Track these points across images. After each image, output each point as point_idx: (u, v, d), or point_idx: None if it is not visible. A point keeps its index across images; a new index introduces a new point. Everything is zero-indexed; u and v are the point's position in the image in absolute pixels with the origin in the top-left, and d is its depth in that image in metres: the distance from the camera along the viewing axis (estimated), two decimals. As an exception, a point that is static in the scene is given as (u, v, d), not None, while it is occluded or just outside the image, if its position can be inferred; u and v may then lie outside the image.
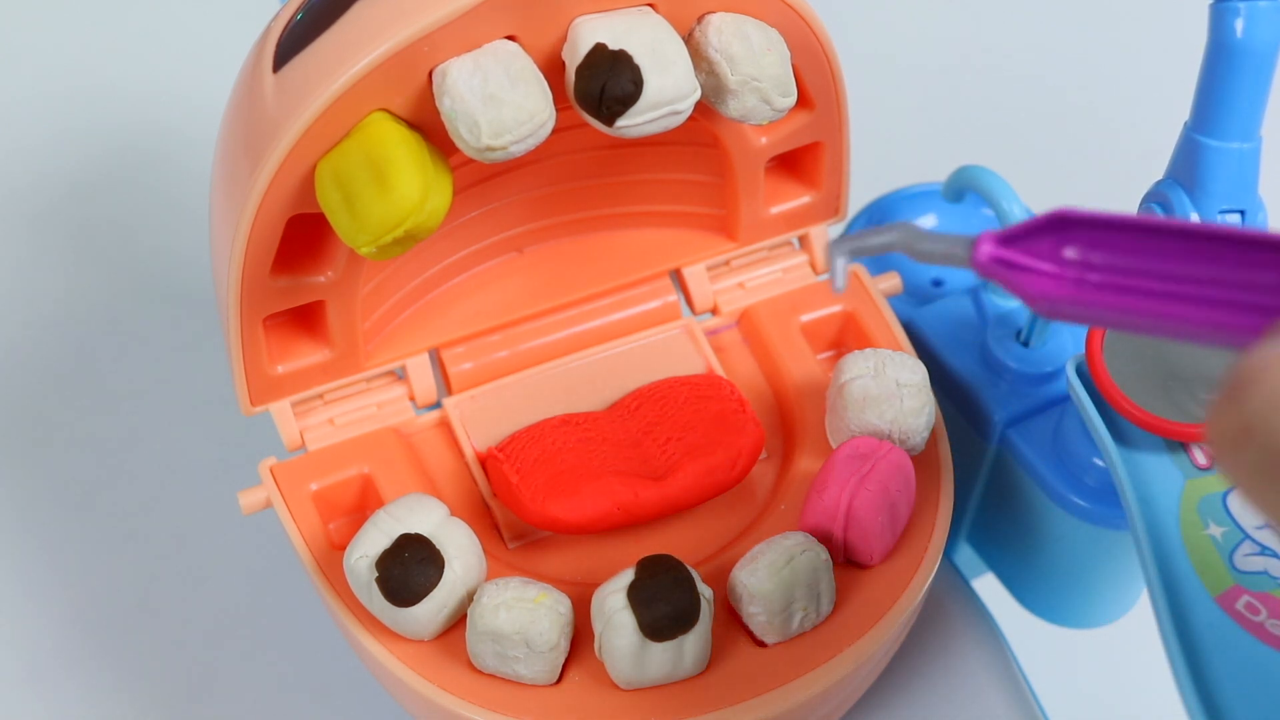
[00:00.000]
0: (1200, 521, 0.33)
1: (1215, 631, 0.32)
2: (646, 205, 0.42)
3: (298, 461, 0.38)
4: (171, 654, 0.53)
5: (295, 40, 0.34)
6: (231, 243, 0.34)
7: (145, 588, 0.55)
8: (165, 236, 0.66)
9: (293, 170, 0.33)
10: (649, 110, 0.33)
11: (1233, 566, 0.32)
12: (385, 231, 0.32)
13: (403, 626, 0.34)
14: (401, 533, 0.34)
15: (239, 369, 0.37)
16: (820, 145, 0.40)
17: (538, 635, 0.33)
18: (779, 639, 0.35)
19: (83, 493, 0.58)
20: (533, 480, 0.37)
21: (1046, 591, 0.44)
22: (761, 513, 0.38)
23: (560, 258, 0.42)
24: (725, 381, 0.39)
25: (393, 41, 0.32)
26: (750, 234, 0.42)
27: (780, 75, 0.34)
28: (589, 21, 0.33)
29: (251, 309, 0.36)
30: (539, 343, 0.41)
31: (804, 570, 0.34)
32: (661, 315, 0.42)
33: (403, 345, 0.40)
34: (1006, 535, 0.44)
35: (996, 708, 0.40)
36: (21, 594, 0.55)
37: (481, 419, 0.40)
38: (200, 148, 0.48)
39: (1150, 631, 0.32)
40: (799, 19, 0.36)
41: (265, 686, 0.52)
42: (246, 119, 0.34)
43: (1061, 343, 0.42)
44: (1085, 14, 0.74)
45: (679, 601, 0.33)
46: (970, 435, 0.43)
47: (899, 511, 0.36)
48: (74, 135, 0.70)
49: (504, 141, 0.32)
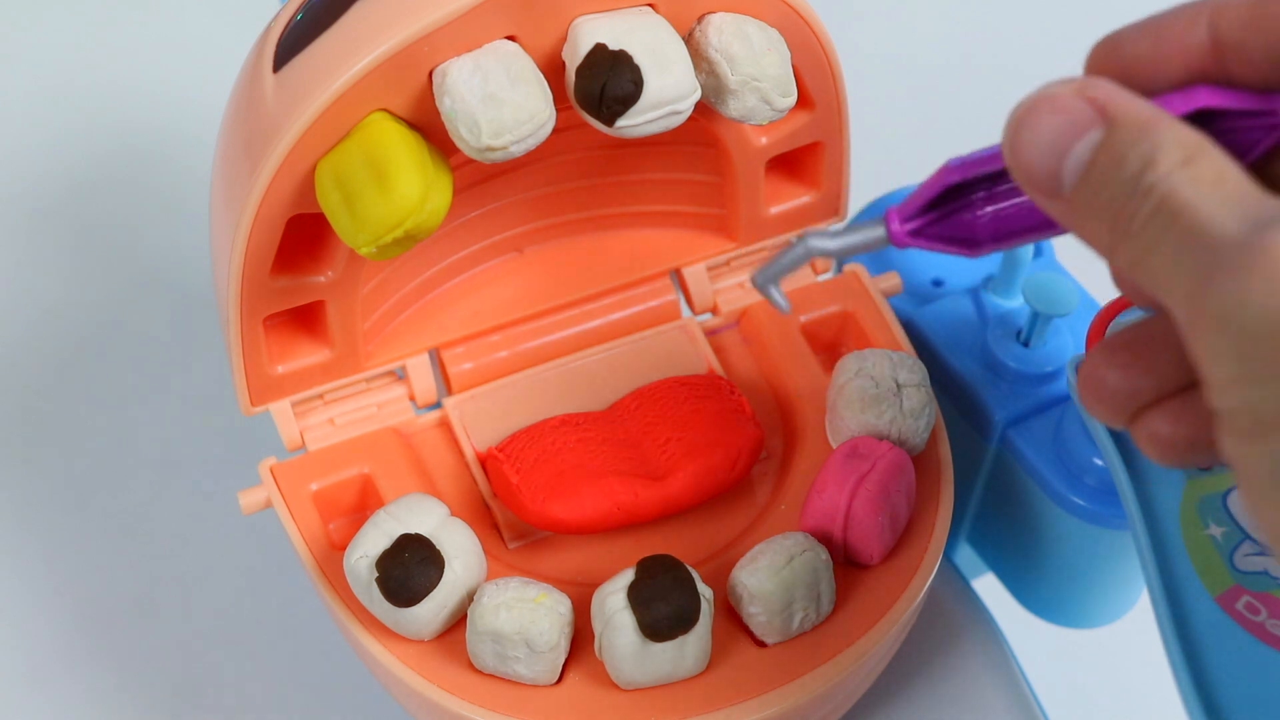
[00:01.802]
0: (1200, 522, 0.33)
1: (1215, 631, 0.32)
2: (646, 205, 0.42)
3: (298, 461, 0.38)
4: (171, 654, 0.53)
5: (295, 40, 0.34)
6: (231, 243, 0.34)
7: (145, 588, 0.55)
8: (165, 236, 0.66)
9: (293, 170, 0.33)
10: (649, 110, 0.33)
11: (1233, 567, 0.32)
12: (385, 231, 0.32)
13: (403, 626, 0.34)
14: (401, 533, 0.34)
15: (239, 369, 0.37)
16: (820, 145, 0.40)
17: (538, 635, 0.33)
18: (779, 639, 0.34)
19: (83, 493, 0.58)
20: (533, 480, 0.37)
21: (1046, 591, 0.44)
22: (761, 513, 0.38)
23: (560, 258, 0.42)
24: (725, 381, 0.39)
25: (393, 41, 0.32)
26: (750, 234, 0.42)
27: (780, 75, 0.34)
28: (589, 21, 0.33)
29: (251, 309, 0.36)
30: (539, 343, 0.41)
31: (804, 570, 0.34)
32: (661, 315, 0.42)
33: (403, 345, 0.40)
34: (1006, 535, 0.44)
35: (996, 708, 0.40)
36: (21, 594, 0.55)
37: (481, 419, 0.40)
38: (200, 148, 0.48)
39: (1150, 631, 0.32)
40: (799, 19, 0.36)
41: (265, 686, 0.52)
42: (246, 119, 0.34)
43: (1061, 343, 0.42)
44: (1085, 14, 0.74)
45: (679, 601, 0.33)
46: (970, 435, 0.42)
47: (899, 512, 0.36)
48: (74, 135, 0.70)
49: (504, 141, 0.32)
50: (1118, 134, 0.24)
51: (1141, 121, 0.24)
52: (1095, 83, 0.25)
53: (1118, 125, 0.24)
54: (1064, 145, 0.25)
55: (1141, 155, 0.24)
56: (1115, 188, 0.24)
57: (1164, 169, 0.24)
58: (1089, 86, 0.25)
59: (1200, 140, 0.24)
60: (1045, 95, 0.25)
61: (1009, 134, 0.25)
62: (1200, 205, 0.23)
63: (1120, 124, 0.24)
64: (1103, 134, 0.24)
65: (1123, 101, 0.25)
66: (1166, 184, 0.23)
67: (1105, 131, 0.24)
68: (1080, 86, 0.25)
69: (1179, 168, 0.24)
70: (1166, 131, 0.24)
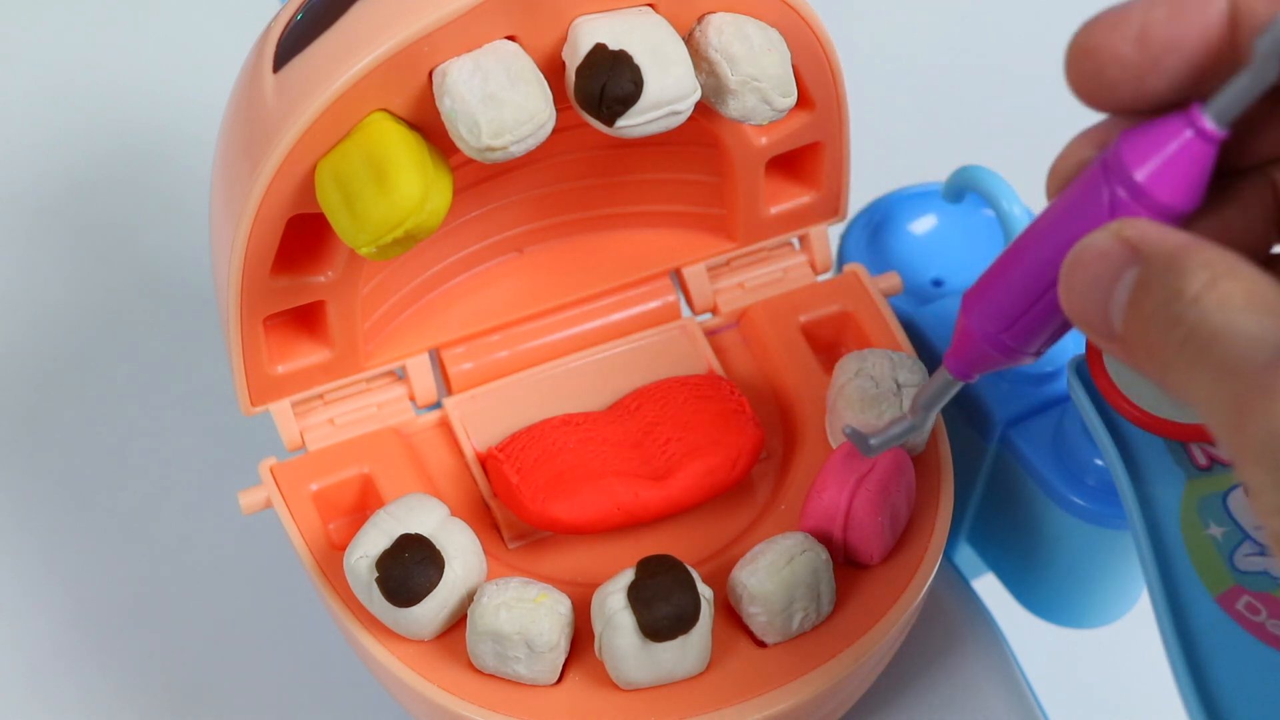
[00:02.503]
0: (1200, 522, 0.33)
1: (1215, 631, 0.32)
2: (646, 205, 0.42)
3: (298, 461, 0.38)
4: (171, 654, 0.53)
5: (295, 40, 0.34)
6: (231, 243, 0.34)
7: (145, 588, 0.55)
8: (165, 236, 0.66)
9: (293, 170, 0.33)
10: (649, 110, 0.33)
11: (1233, 567, 0.32)
12: (385, 231, 0.32)
13: (403, 626, 0.34)
14: (401, 533, 0.34)
15: (239, 369, 0.37)
16: (820, 145, 0.40)
17: (538, 635, 0.33)
18: (779, 639, 0.34)
19: (83, 493, 0.58)
20: (533, 480, 0.37)
21: (1046, 591, 0.44)
22: (761, 513, 0.38)
23: (560, 258, 0.42)
24: (725, 381, 0.39)
25: (393, 42, 0.32)
26: (750, 234, 0.42)
27: (780, 75, 0.34)
28: (589, 21, 0.33)
29: (251, 309, 0.36)
30: (539, 343, 0.41)
31: (804, 570, 0.34)
32: (661, 315, 0.42)
33: (403, 345, 0.40)
34: (1006, 535, 0.44)
35: (996, 708, 0.40)
36: (21, 594, 0.55)
37: (481, 419, 0.40)
38: (200, 148, 0.48)
39: (1150, 631, 0.32)
40: (799, 19, 0.36)
41: (265, 686, 0.52)
42: (246, 119, 0.34)
43: (1061, 343, 0.42)
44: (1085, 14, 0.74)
45: (679, 601, 0.33)
46: (970, 435, 0.42)
47: (899, 512, 0.36)
48: (74, 135, 0.70)
49: (504, 141, 0.32)
50: (1150, 268, 0.24)
51: (1169, 251, 0.24)
52: (1131, 222, 0.25)
53: (1149, 260, 0.24)
54: (1106, 289, 0.25)
55: (1169, 286, 0.24)
56: (1155, 322, 0.24)
57: (1190, 295, 0.23)
58: (1125, 227, 0.25)
59: (1229, 259, 0.23)
60: (1085, 244, 0.25)
61: (1061, 286, 0.26)
62: (1229, 330, 0.23)
63: (1150, 258, 0.24)
64: (1138, 271, 0.24)
65: (1153, 234, 0.24)
66: (1195, 311, 0.23)
67: (1140, 269, 0.24)
68: (1117, 229, 0.25)
69: (1206, 291, 0.23)
70: (1194, 257, 0.24)
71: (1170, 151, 0.25)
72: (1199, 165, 0.25)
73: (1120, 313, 0.25)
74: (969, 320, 0.28)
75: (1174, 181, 0.25)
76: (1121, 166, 0.25)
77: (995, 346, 0.28)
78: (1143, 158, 0.25)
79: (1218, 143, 0.25)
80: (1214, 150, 0.25)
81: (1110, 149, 0.26)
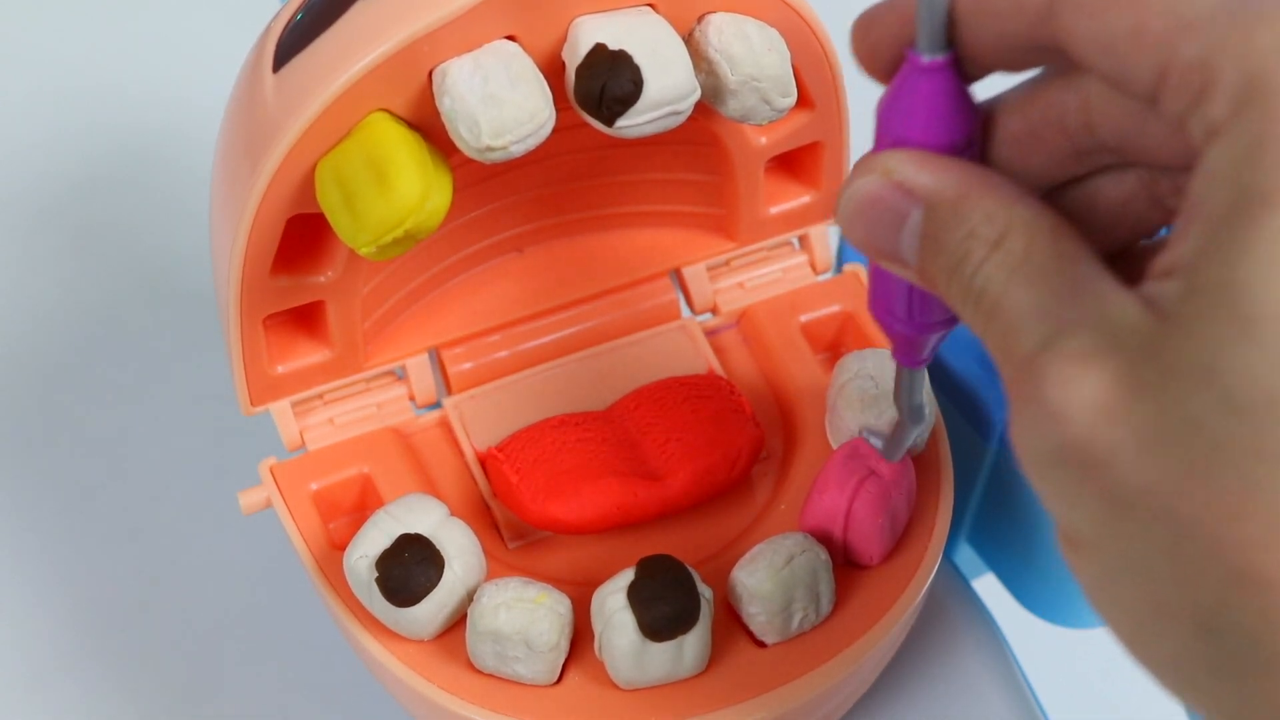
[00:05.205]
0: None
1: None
2: (646, 205, 0.42)
3: (298, 461, 0.38)
4: (171, 654, 0.53)
5: (295, 40, 0.34)
6: (231, 243, 0.34)
7: (145, 588, 0.55)
8: (165, 236, 0.66)
9: (293, 170, 0.33)
10: (649, 110, 0.33)
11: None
12: (385, 231, 0.32)
13: (403, 626, 0.34)
14: (401, 533, 0.34)
15: (239, 369, 0.37)
16: (820, 145, 0.40)
17: (538, 635, 0.33)
18: (779, 639, 0.35)
19: (83, 492, 0.58)
20: (533, 480, 0.37)
21: (1046, 591, 0.44)
22: (761, 513, 0.38)
23: (560, 258, 0.42)
24: (725, 381, 0.39)
25: (393, 41, 0.32)
26: (750, 234, 0.42)
27: (780, 75, 0.34)
28: (589, 21, 0.33)
29: (251, 309, 0.36)
30: (539, 343, 0.41)
31: (803, 570, 0.34)
32: (661, 315, 0.42)
33: (403, 345, 0.40)
34: (1006, 535, 0.44)
35: (996, 708, 0.40)
36: (21, 594, 0.55)
37: (481, 419, 0.40)
38: (200, 148, 0.48)
39: (1150, 631, 0.32)
40: (799, 19, 0.36)
41: (265, 686, 0.52)
42: (246, 119, 0.34)
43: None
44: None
45: (679, 601, 0.33)
46: (970, 435, 0.42)
47: (899, 512, 0.36)
48: (74, 135, 0.70)
49: (504, 141, 0.32)
50: (934, 217, 0.24)
51: (951, 200, 0.24)
52: (896, 155, 0.24)
53: (932, 207, 0.24)
54: (892, 230, 0.24)
55: (957, 248, 0.23)
56: (946, 280, 0.24)
57: (977, 258, 0.23)
58: (894, 167, 0.24)
59: (1008, 212, 0.23)
60: (857, 188, 0.25)
61: (845, 232, 0.25)
62: (1004, 304, 0.23)
63: (933, 205, 0.24)
64: (922, 220, 0.24)
65: (926, 178, 0.24)
66: (980, 279, 0.23)
67: (924, 217, 0.24)
68: (885, 169, 0.24)
69: (991, 252, 0.23)
70: (976, 207, 0.23)
71: (897, 89, 0.25)
72: (930, 95, 0.25)
73: (913, 257, 0.24)
74: (877, 320, 0.29)
75: (918, 118, 0.25)
76: (878, 121, 0.26)
77: (911, 331, 0.28)
78: (887, 105, 0.26)
79: (938, 69, 0.25)
80: (941, 79, 0.25)
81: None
